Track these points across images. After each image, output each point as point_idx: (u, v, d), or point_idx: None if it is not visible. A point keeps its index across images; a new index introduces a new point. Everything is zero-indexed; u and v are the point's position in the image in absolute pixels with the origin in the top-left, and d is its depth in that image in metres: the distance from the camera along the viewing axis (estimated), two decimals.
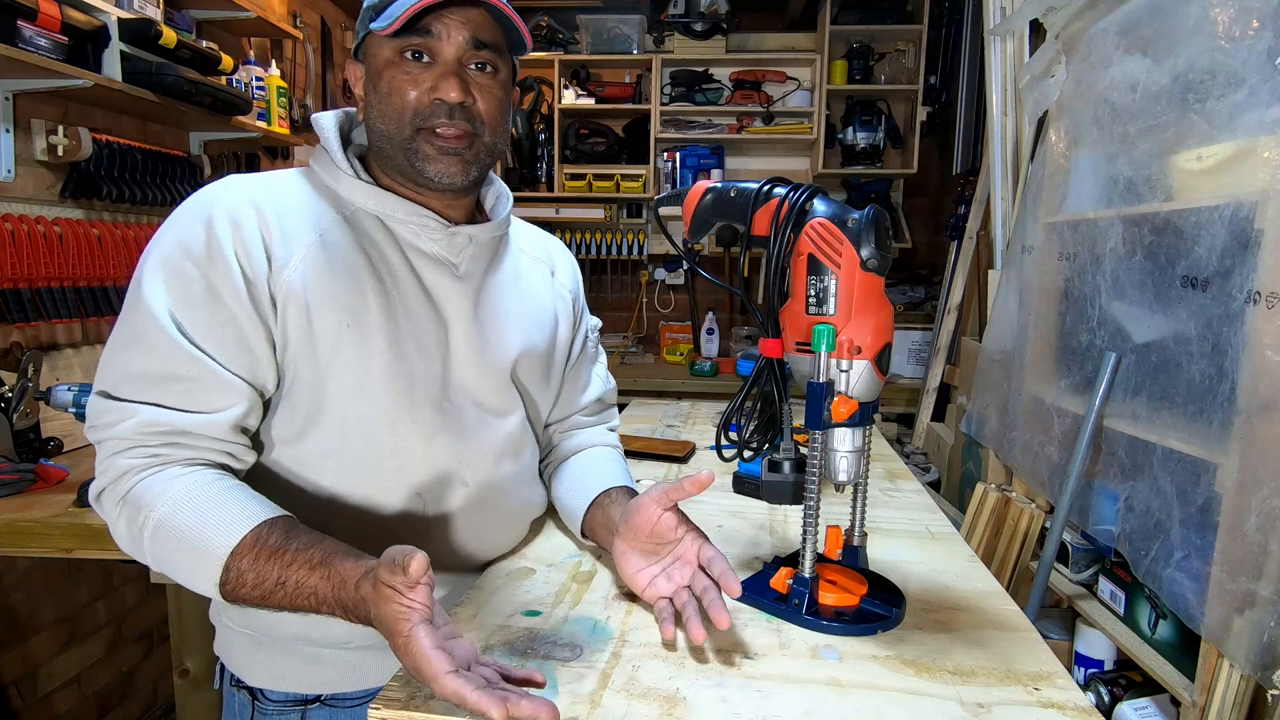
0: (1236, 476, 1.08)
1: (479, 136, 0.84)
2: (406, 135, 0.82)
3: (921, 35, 3.17)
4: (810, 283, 0.74)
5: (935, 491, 2.50)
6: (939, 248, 3.30)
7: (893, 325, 0.74)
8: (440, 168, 0.82)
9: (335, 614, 0.67)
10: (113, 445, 0.75)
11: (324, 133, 0.87)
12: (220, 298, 0.76)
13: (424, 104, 0.81)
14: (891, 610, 0.78)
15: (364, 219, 0.85)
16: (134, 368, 0.74)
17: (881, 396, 0.79)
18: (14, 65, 1.48)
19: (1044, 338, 1.76)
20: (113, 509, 0.75)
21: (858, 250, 0.71)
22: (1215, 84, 1.20)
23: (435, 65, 0.81)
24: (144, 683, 2.16)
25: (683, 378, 3.22)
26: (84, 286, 1.76)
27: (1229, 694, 1.10)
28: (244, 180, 0.83)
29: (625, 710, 0.62)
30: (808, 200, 0.77)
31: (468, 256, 0.89)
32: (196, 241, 0.76)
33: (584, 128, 3.46)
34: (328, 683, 0.86)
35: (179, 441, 0.75)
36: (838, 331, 0.72)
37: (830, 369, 0.73)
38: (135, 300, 0.76)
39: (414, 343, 0.84)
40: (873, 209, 0.72)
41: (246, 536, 0.69)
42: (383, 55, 0.82)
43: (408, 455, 0.84)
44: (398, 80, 0.81)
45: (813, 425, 0.74)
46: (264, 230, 0.78)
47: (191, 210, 0.79)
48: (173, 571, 0.73)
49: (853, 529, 0.88)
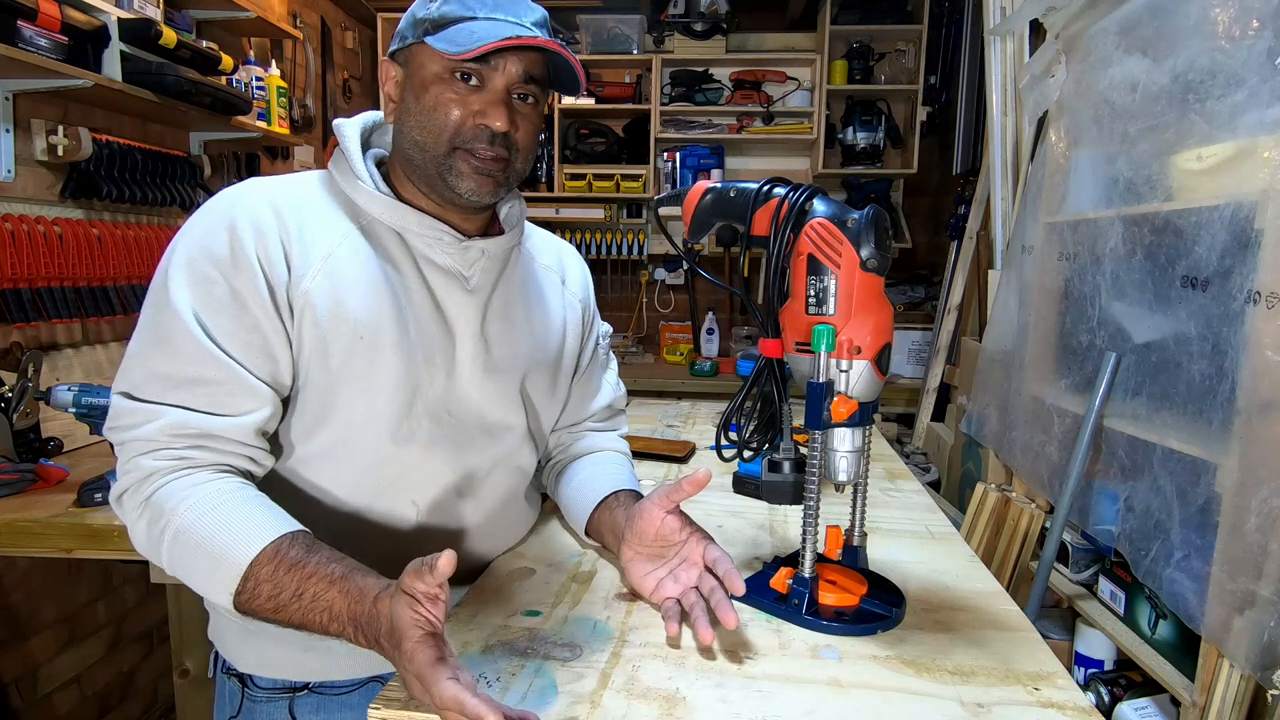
0: (1236, 476, 1.08)
1: (512, 163, 0.85)
2: (443, 152, 0.82)
3: (921, 35, 3.17)
4: (810, 283, 0.74)
5: (935, 491, 2.50)
6: (939, 248, 3.30)
7: (893, 325, 0.74)
8: (473, 185, 0.83)
9: (344, 633, 0.67)
10: (137, 446, 0.74)
11: (345, 140, 0.88)
12: (245, 303, 0.76)
13: (467, 126, 0.81)
14: (891, 610, 0.78)
15: (380, 229, 0.86)
16: (160, 369, 0.74)
17: (882, 396, 0.79)
18: (14, 65, 1.48)
19: (1044, 338, 1.76)
20: (134, 510, 0.74)
21: (857, 250, 0.71)
22: (1215, 84, 1.20)
23: (484, 91, 0.81)
24: (144, 683, 2.16)
25: (683, 378, 3.22)
26: (84, 286, 1.76)
27: (1229, 694, 1.10)
28: (266, 184, 0.83)
29: (625, 710, 0.62)
30: (807, 200, 0.77)
31: (479, 269, 0.89)
32: (220, 246, 0.76)
33: (584, 128, 3.46)
34: (317, 671, 0.87)
35: (205, 445, 0.75)
36: (837, 331, 0.72)
37: (830, 369, 0.73)
38: (161, 301, 0.76)
39: (422, 354, 0.85)
40: (872, 209, 0.72)
41: (267, 548, 0.69)
42: (431, 69, 0.81)
43: (406, 465, 0.85)
44: (445, 98, 0.81)
45: (812, 425, 0.74)
46: (284, 237, 0.79)
47: (215, 213, 0.79)
48: (188, 577, 0.73)
49: (853, 529, 0.88)
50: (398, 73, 0.86)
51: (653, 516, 0.80)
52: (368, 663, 0.86)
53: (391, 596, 0.63)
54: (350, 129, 0.88)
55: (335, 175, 0.88)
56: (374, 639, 0.64)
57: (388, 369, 0.82)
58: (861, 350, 0.72)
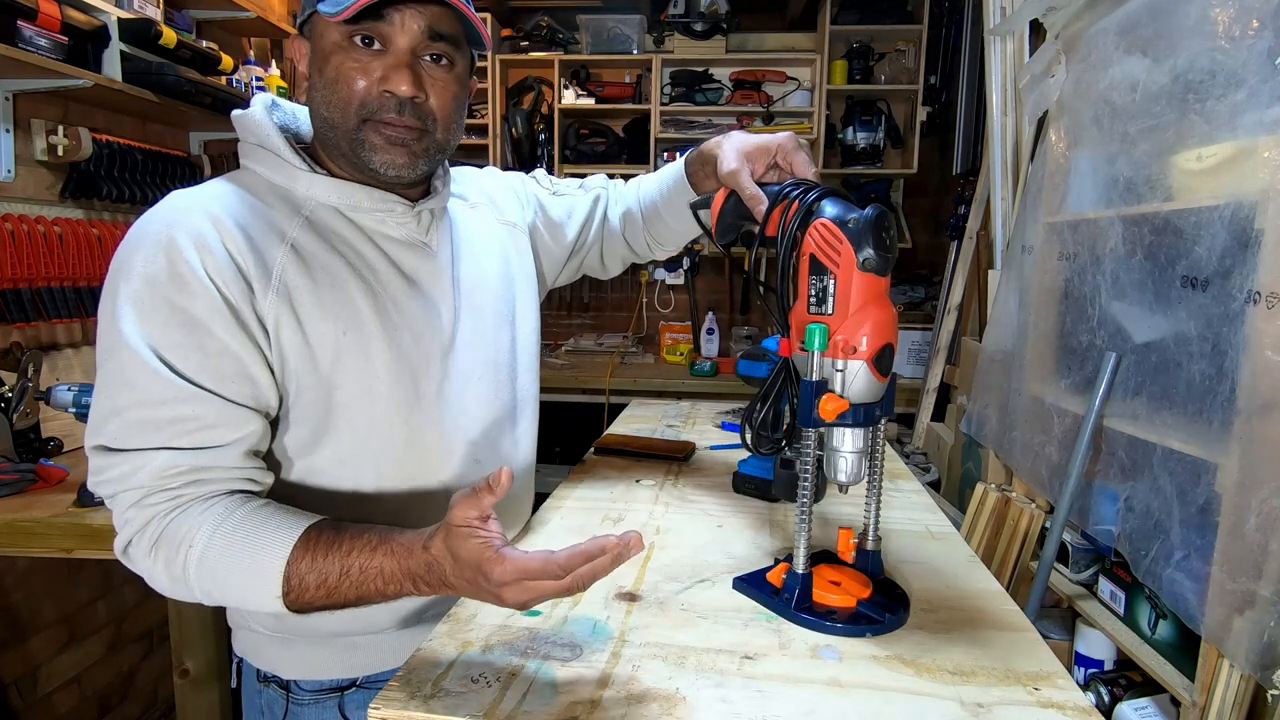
0: (1236, 476, 1.08)
1: (429, 133, 0.80)
2: (352, 125, 0.77)
3: (921, 35, 3.17)
4: (812, 283, 0.74)
5: (935, 491, 2.50)
6: (939, 248, 3.30)
7: (895, 326, 0.73)
8: (387, 158, 0.78)
9: (404, 590, 0.67)
10: (129, 497, 0.71)
11: (261, 129, 0.81)
12: (208, 328, 0.72)
13: (373, 95, 0.76)
14: (886, 616, 0.77)
15: (325, 215, 0.81)
16: (132, 416, 0.70)
17: (894, 400, 0.79)
18: (14, 65, 1.48)
19: (1044, 338, 1.76)
20: (145, 558, 0.71)
21: (856, 250, 0.71)
22: (1215, 84, 1.20)
23: (387, 54, 0.76)
24: (144, 683, 2.16)
25: (683, 378, 3.21)
26: (84, 286, 1.76)
27: (1229, 694, 1.10)
28: (191, 196, 0.77)
29: (625, 710, 0.62)
30: (817, 201, 0.77)
31: (435, 233, 0.87)
32: (163, 271, 0.71)
33: (584, 128, 3.46)
34: (364, 666, 0.87)
35: (199, 479, 0.72)
36: (831, 331, 0.72)
37: (824, 368, 0.73)
38: (115, 345, 0.71)
39: (409, 334, 0.83)
40: (875, 209, 0.72)
41: (298, 542, 0.69)
42: (330, 37, 0.76)
43: (425, 447, 0.85)
44: (345, 68, 0.76)
45: (804, 423, 0.74)
46: (230, 247, 0.73)
47: (149, 238, 0.72)
48: (226, 596, 0.71)
49: (866, 533, 0.87)
50: (305, 48, 0.80)
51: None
52: (413, 648, 0.86)
53: (441, 538, 0.63)
54: (261, 117, 0.81)
55: (259, 170, 0.82)
56: (439, 583, 0.65)
57: (379, 358, 0.80)
58: (858, 350, 0.72)
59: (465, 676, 0.66)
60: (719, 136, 0.92)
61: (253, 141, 0.82)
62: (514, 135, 3.35)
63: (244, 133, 0.83)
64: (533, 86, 3.43)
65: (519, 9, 3.56)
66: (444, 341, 0.87)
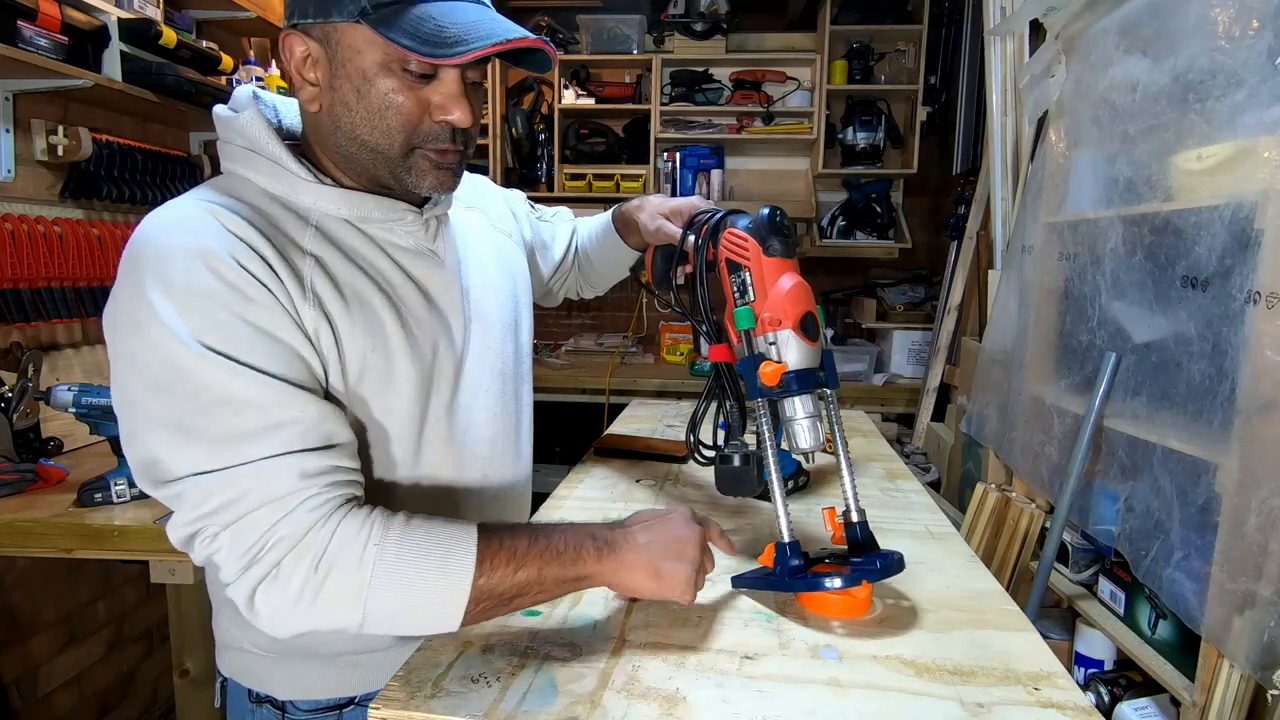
0: (1236, 476, 1.08)
1: (466, 151, 0.80)
2: (398, 154, 0.74)
3: (921, 35, 3.16)
4: (733, 281, 0.84)
5: (935, 491, 2.50)
6: (939, 248, 3.29)
7: (810, 297, 0.80)
8: (434, 182, 0.77)
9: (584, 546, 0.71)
10: (268, 513, 0.63)
11: (251, 132, 0.75)
12: (274, 335, 0.68)
13: (426, 125, 0.74)
14: (878, 562, 0.78)
15: (334, 227, 0.77)
16: (226, 431, 0.63)
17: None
18: (14, 65, 1.48)
19: (1044, 338, 1.76)
20: (297, 587, 0.63)
21: (760, 242, 0.81)
22: (1215, 84, 1.20)
23: (438, 81, 0.73)
24: (144, 683, 2.16)
25: (683, 378, 3.21)
26: (84, 286, 1.76)
27: (1229, 694, 1.10)
28: (193, 206, 0.71)
29: (625, 710, 0.62)
30: (721, 219, 0.89)
31: (441, 241, 0.86)
32: (211, 282, 0.65)
33: (584, 128, 3.46)
34: (363, 684, 0.85)
35: (335, 478, 0.67)
36: (756, 312, 0.80)
37: (758, 345, 0.81)
38: (175, 367, 0.63)
39: (429, 348, 0.82)
40: (766, 208, 0.82)
41: (479, 526, 0.69)
42: (370, 56, 0.70)
43: (433, 463, 0.84)
44: (396, 97, 0.71)
45: (753, 395, 0.81)
46: (264, 255, 0.70)
47: (180, 253, 0.66)
48: (409, 603, 0.65)
49: (849, 508, 0.88)
50: (314, 51, 0.72)
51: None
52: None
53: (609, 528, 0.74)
54: (252, 119, 0.75)
55: (252, 177, 0.76)
56: (607, 547, 0.72)
57: (402, 376, 0.78)
58: (782, 321, 0.78)
59: (465, 676, 0.66)
60: (638, 199, 1.09)
61: (241, 145, 0.76)
62: (514, 135, 3.35)
63: (229, 134, 0.77)
64: (532, 86, 3.43)
65: (519, 9, 3.56)
66: (456, 355, 0.85)
